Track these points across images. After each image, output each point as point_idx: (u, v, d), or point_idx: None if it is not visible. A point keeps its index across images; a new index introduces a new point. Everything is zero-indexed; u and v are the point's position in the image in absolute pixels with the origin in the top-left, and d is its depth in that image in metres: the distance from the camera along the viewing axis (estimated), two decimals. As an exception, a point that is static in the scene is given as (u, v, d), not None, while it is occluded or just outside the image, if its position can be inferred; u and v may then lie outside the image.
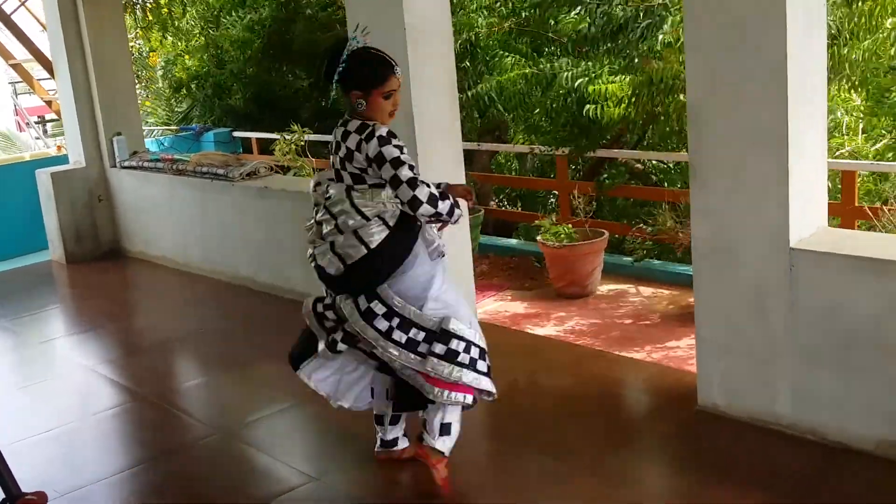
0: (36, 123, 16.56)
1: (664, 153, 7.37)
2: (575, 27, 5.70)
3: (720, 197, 3.44)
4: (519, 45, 6.68)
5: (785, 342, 3.36)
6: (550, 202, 8.63)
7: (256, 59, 10.01)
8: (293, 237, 5.71)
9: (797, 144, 3.24)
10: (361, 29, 3.10)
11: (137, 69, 11.08)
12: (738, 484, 3.18)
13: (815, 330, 3.28)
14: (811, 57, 3.31)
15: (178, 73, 11.20)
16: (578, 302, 5.94)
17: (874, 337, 3.13)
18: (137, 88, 9.55)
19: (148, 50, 12.49)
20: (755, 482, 3.16)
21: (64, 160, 7.88)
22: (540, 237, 6.25)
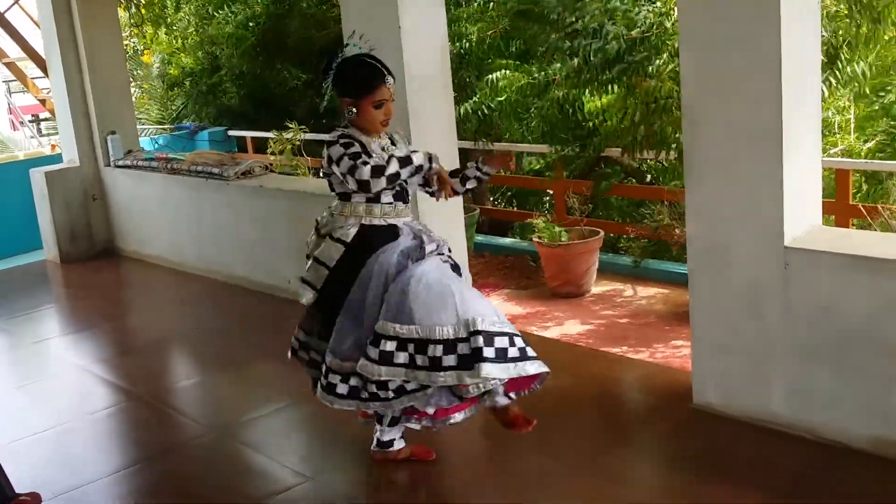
0: (30, 122, 16.51)
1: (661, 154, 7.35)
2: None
3: (715, 195, 3.44)
4: (511, 47, 6.66)
5: (780, 341, 3.36)
6: (545, 201, 8.62)
7: (251, 56, 9.98)
8: (288, 236, 5.70)
9: (791, 143, 3.24)
10: (358, 35, 3.08)
11: (132, 67, 11.03)
12: (734, 482, 3.18)
13: (810, 328, 3.29)
14: (805, 55, 3.31)
15: (172, 70, 11.16)
16: (574, 301, 5.94)
17: (869, 335, 3.14)
18: (132, 87, 9.52)
19: (142, 48, 12.44)
20: (751, 481, 3.17)
21: (58, 159, 7.86)
22: (535, 236, 6.25)
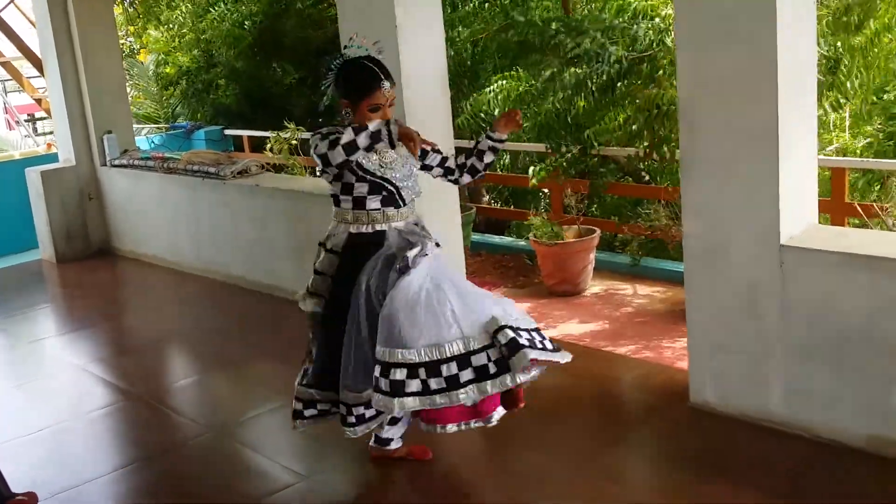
0: (25, 121, 16.46)
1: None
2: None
3: (711, 194, 3.45)
4: (507, 45, 6.64)
5: (776, 339, 3.37)
6: (541, 200, 8.61)
7: (248, 55, 9.97)
8: (285, 236, 5.70)
9: (788, 142, 3.25)
10: (361, 37, 3.04)
11: (128, 66, 10.99)
12: (730, 480, 3.19)
13: (806, 327, 3.29)
14: (801, 54, 3.32)
15: (168, 69, 11.15)
16: (570, 300, 5.95)
17: (865, 333, 3.14)
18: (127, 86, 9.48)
19: (138, 47, 12.42)
20: (749, 480, 3.17)
21: (54, 158, 7.85)
22: (531, 235, 6.25)
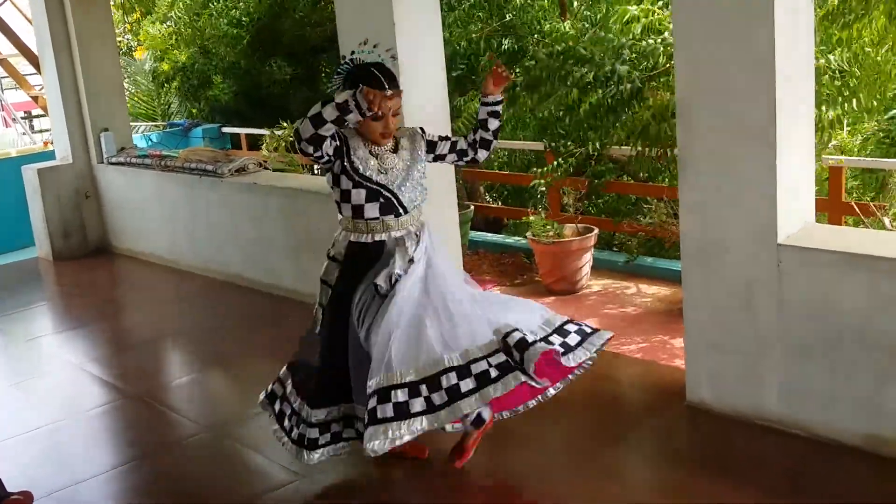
0: (22, 119, 16.44)
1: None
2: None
3: (708, 193, 3.45)
4: (504, 45, 6.63)
5: (773, 338, 3.37)
6: (539, 198, 8.60)
7: (245, 53, 9.95)
8: (284, 233, 5.70)
9: (784, 140, 3.25)
10: (372, 44, 2.98)
11: (124, 64, 10.97)
12: (727, 479, 3.19)
13: (803, 326, 3.29)
14: (798, 52, 3.32)
15: (164, 66, 11.12)
16: (568, 298, 5.95)
17: (862, 332, 3.15)
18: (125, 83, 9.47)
19: (136, 44, 12.40)
20: (745, 478, 3.17)
21: (50, 156, 7.83)
22: (529, 233, 6.25)
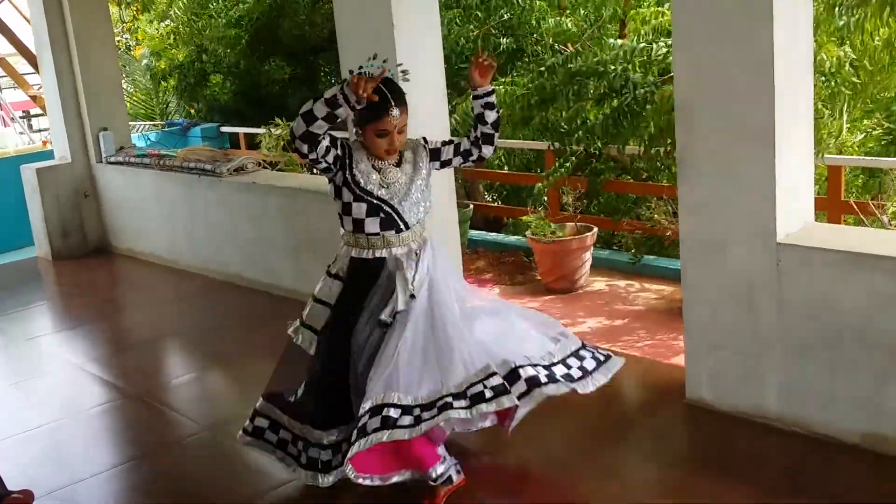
0: (21, 118, 16.41)
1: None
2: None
3: (707, 192, 3.45)
4: (502, 44, 6.62)
5: (773, 336, 3.38)
6: (539, 197, 8.59)
7: (244, 52, 9.95)
8: (283, 233, 5.70)
9: (784, 139, 3.25)
10: (381, 60, 2.92)
11: (123, 62, 10.97)
12: (726, 477, 3.20)
13: (802, 324, 3.30)
14: (797, 53, 3.32)
15: (161, 64, 11.11)
16: (568, 297, 5.95)
17: (861, 331, 3.15)
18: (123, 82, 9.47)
19: (134, 43, 12.39)
20: (743, 475, 3.18)
21: (49, 155, 7.83)
22: (529, 232, 6.26)
